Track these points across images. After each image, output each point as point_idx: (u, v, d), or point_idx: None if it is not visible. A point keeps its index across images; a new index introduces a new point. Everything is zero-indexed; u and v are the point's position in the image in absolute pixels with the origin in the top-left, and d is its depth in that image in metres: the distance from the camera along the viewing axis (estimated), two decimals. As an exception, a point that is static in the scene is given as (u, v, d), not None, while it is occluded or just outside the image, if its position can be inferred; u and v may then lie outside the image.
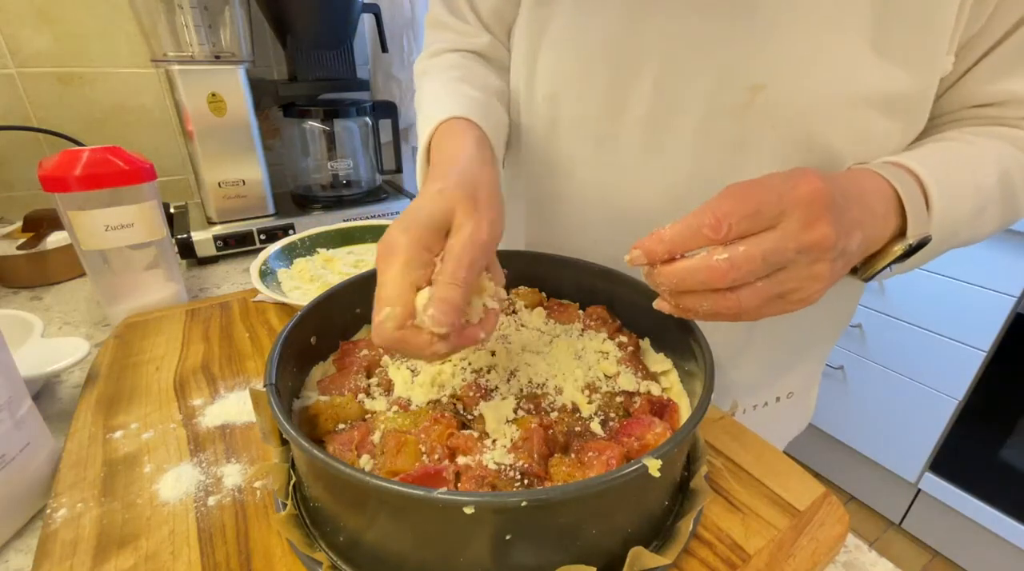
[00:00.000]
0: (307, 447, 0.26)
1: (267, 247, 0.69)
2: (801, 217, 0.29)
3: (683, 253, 0.30)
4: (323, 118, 0.96)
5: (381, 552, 0.28)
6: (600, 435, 0.34)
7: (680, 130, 0.43)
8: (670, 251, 0.30)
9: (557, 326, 0.45)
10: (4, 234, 0.74)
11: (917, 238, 0.35)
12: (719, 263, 0.29)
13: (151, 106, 0.94)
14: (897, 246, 0.35)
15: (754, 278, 0.29)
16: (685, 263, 0.30)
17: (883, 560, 0.34)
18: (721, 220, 0.29)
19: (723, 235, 0.29)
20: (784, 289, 0.30)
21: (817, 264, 0.30)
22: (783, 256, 0.29)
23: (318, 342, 0.41)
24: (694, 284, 0.30)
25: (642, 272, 0.33)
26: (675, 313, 0.33)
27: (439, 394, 0.36)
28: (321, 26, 0.90)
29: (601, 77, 0.45)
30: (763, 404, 0.59)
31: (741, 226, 0.29)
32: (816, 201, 0.29)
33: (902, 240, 0.35)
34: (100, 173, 0.54)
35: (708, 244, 0.29)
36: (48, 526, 0.33)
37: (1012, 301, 1.22)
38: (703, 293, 0.30)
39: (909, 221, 0.35)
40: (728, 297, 0.30)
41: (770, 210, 0.29)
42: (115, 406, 0.45)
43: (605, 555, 0.28)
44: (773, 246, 0.29)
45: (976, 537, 1.38)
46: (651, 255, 0.31)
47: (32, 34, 0.83)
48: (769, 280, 0.30)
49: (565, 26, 0.46)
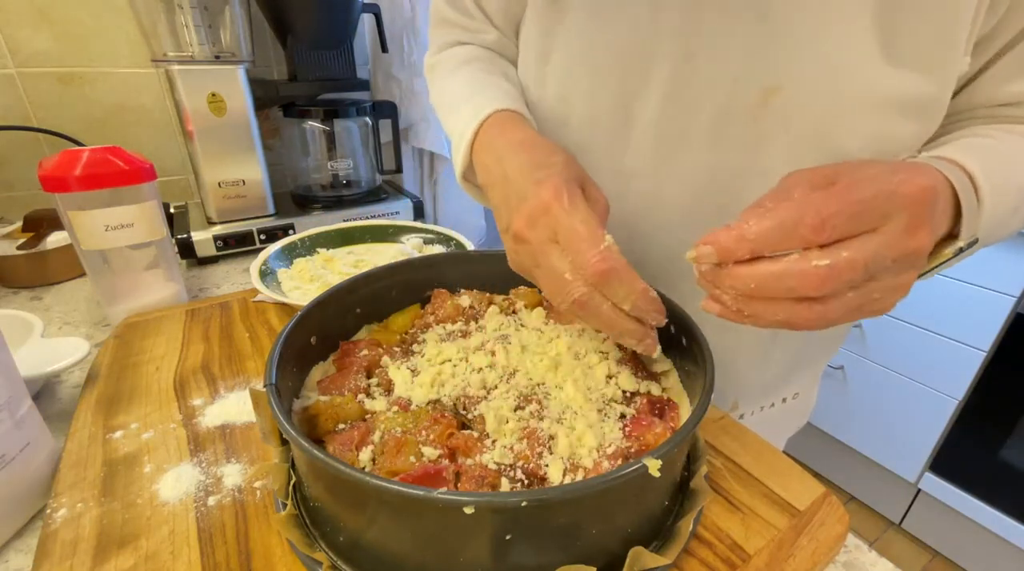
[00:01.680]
0: (307, 447, 0.26)
1: (267, 247, 0.69)
2: (905, 222, 0.26)
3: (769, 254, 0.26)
4: (323, 118, 0.96)
5: (381, 552, 0.28)
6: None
7: (693, 132, 0.42)
8: (753, 251, 0.26)
9: (557, 326, 0.45)
10: (4, 234, 0.74)
11: (967, 240, 0.31)
12: (818, 270, 0.25)
13: (151, 106, 0.94)
14: (948, 249, 0.31)
15: (848, 288, 0.26)
16: (771, 266, 0.26)
17: (883, 560, 0.34)
18: (827, 220, 0.25)
19: (824, 237, 0.25)
20: (869, 299, 0.27)
21: (906, 273, 0.27)
22: (882, 265, 0.26)
23: (318, 342, 0.41)
24: (778, 290, 0.26)
25: (697, 269, 0.29)
26: (731, 317, 0.29)
27: (439, 394, 0.36)
28: (321, 26, 0.90)
29: (613, 79, 0.44)
30: (770, 405, 0.59)
31: (846, 228, 0.25)
32: (922, 202, 0.26)
33: (952, 242, 0.31)
34: (100, 173, 0.54)
35: (804, 246, 0.26)
36: (48, 526, 0.33)
37: (1012, 301, 1.22)
38: (783, 301, 0.27)
39: (964, 222, 0.31)
40: (812, 308, 0.26)
41: (875, 211, 0.26)
42: (115, 406, 0.45)
43: (605, 555, 0.28)
44: (874, 254, 0.25)
45: (976, 537, 1.38)
46: (726, 253, 0.27)
47: (32, 34, 0.83)
48: (859, 290, 0.27)
49: (577, 27, 0.45)
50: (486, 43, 0.55)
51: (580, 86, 0.47)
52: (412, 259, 0.49)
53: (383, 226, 0.80)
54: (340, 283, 0.44)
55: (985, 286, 1.25)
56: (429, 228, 0.79)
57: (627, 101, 0.44)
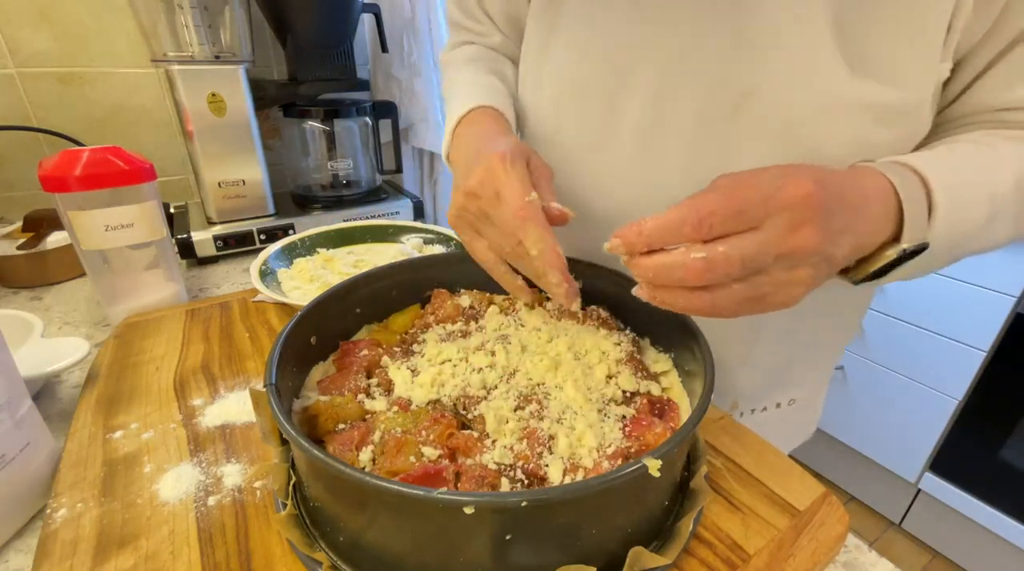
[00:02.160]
0: (307, 447, 0.26)
1: (267, 247, 0.69)
2: (786, 221, 0.28)
3: (662, 247, 0.30)
4: (323, 118, 0.96)
5: (381, 552, 0.28)
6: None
7: (673, 135, 0.44)
8: (649, 244, 0.30)
9: (557, 326, 0.45)
10: (4, 234, 0.74)
11: (912, 245, 0.33)
12: (695, 262, 0.28)
13: (151, 106, 0.94)
14: (890, 250, 0.33)
15: (730, 280, 0.29)
16: (662, 258, 0.30)
17: (883, 560, 0.34)
18: (703, 219, 0.28)
19: (703, 234, 0.28)
20: (760, 293, 0.30)
21: (797, 269, 0.29)
22: (762, 261, 0.28)
23: (318, 342, 0.41)
24: (669, 280, 0.30)
25: (621, 260, 0.33)
26: (653, 303, 0.33)
27: (439, 394, 0.36)
28: (321, 26, 0.90)
29: (600, 82, 0.47)
30: (762, 409, 0.59)
31: (724, 226, 0.28)
32: (803, 205, 0.28)
33: (896, 245, 0.33)
34: (100, 173, 0.54)
35: (688, 241, 0.29)
36: (48, 526, 0.33)
37: (1012, 301, 1.22)
38: (678, 289, 0.30)
39: (906, 226, 0.33)
40: (703, 297, 0.30)
41: (754, 211, 0.28)
42: (115, 406, 0.45)
43: (605, 555, 0.28)
44: (753, 250, 0.28)
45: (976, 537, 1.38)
46: (629, 246, 0.31)
47: (32, 34, 0.83)
48: (745, 283, 0.29)
49: (570, 31, 0.48)
50: (492, 45, 0.59)
51: (571, 90, 0.50)
52: (412, 259, 0.49)
53: (383, 226, 0.80)
54: (340, 283, 0.44)
55: (985, 286, 1.25)
56: (429, 228, 0.79)
57: (612, 105, 0.46)
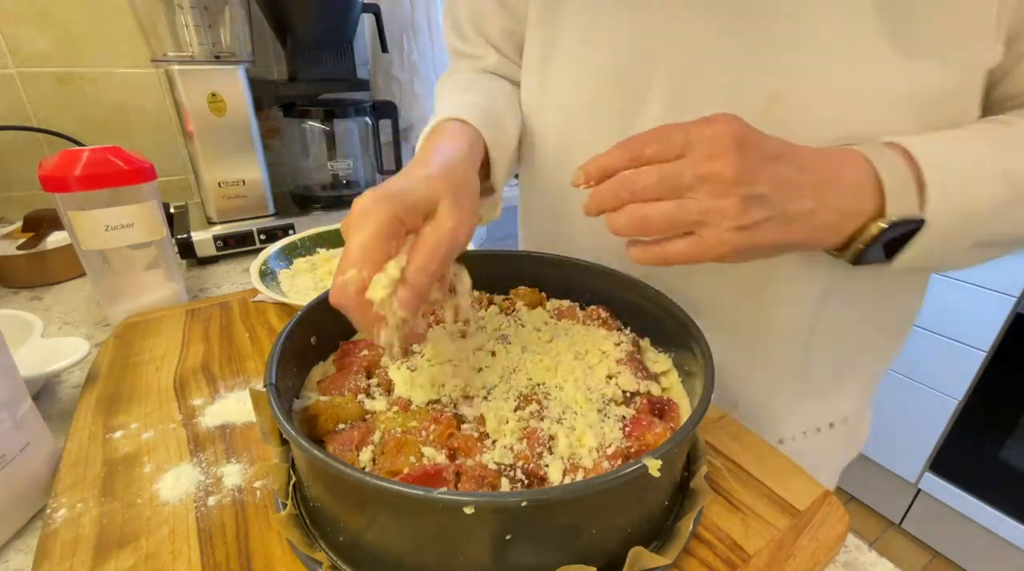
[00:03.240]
0: (307, 447, 0.26)
1: (267, 247, 0.69)
2: (704, 149, 0.31)
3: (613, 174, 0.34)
4: (323, 118, 0.96)
5: (381, 552, 0.28)
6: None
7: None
8: (601, 171, 0.34)
9: (557, 326, 0.45)
10: (4, 234, 0.74)
11: (900, 217, 0.33)
12: (625, 175, 0.33)
13: (151, 106, 0.94)
14: (873, 226, 0.34)
15: (655, 194, 0.32)
16: (609, 180, 0.34)
17: (883, 560, 0.34)
18: (636, 143, 0.33)
19: (636, 155, 0.33)
20: (687, 216, 0.32)
21: (723, 199, 0.31)
22: (680, 179, 0.32)
23: (318, 342, 0.41)
24: (609, 196, 0.34)
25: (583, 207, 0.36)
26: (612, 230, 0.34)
27: (439, 394, 0.36)
28: (321, 26, 0.90)
29: (611, 96, 0.45)
30: (815, 430, 0.54)
31: (651, 150, 0.32)
32: (721, 137, 0.31)
33: (881, 219, 0.34)
34: (100, 173, 0.54)
35: (628, 165, 0.33)
36: (48, 526, 0.33)
37: (1012, 301, 1.22)
38: (621, 211, 0.33)
39: (888, 199, 0.33)
40: (636, 210, 0.33)
41: (678, 138, 0.32)
42: (115, 406, 0.45)
43: (605, 555, 0.28)
44: (672, 168, 0.32)
45: (976, 537, 1.38)
46: (588, 175, 0.35)
47: (32, 34, 0.83)
48: (674, 204, 0.32)
49: (571, 47, 0.46)
50: (488, 67, 0.56)
51: (579, 106, 0.47)
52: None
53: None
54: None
55: (985, 286, 1.25)
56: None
57: (624, 121, 0.44)
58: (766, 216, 0.32)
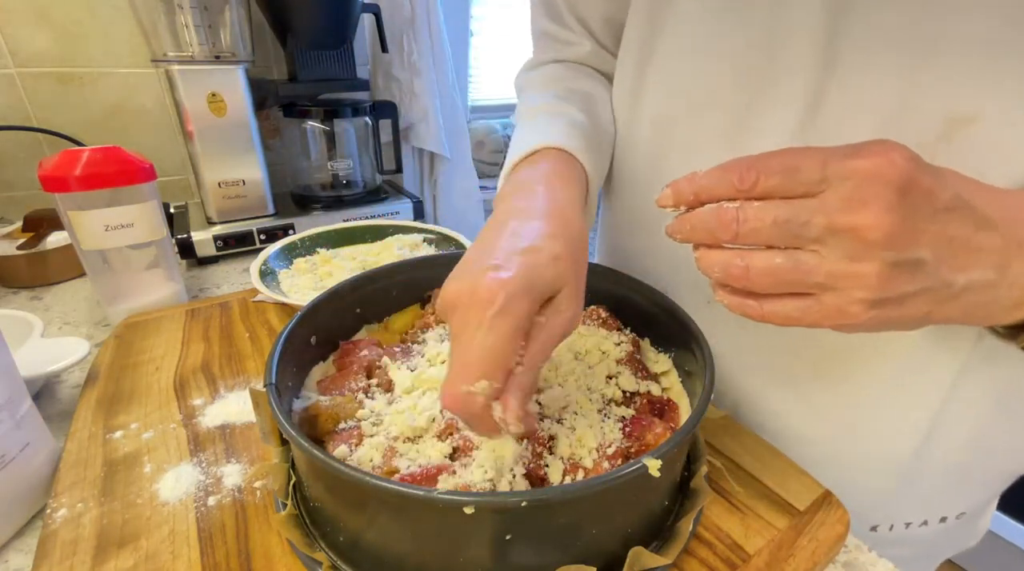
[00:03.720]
0: (307, 447, 0.26)
1: (267, 247, 0.69)
2: (847, 192, 0.23)
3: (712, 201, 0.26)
4: (323, 118, 0.96)
5: (381, 552, 0.28)
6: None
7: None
8: (696, 194, 0.26)
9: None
10: (4, 234, 0.74)
11: None
12: (727, 209, 0.25)
13: (151, 106, 0.94)
14: None
15: (763, 241, 0.25)
16: (702, 209, 0.26)
17: (883, 560, 0.34)
18: (751, 169, 0.24)
19: (748, 186, 0.24)
20: (805, 277, 0.24)
21: (860, 262, 0.23)
22: (804, 228, 0.23)
23: (318, 342, 0.41)
24: (703, 232, 0.26)
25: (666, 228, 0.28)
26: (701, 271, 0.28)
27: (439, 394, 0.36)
28: (321, 26, 0.90)
29: (733, 93, 0.36)
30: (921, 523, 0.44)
31: (771, 182, 0.24)
32: (877, 179, 0.22)
33: None
34: (100, 173, 0.54)
35: (735, 195, 0.25)
36: (48, 526, 0.33)
37: (1012, 301, 1.21)
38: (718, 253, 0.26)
39: None
40: (737, 259, 0.25)
41: (811, 174, 0.23)
42: (115, 406, 0.45)
43: (605, 555, 0.28)
44: (793, 210, 0.23)
45: (976, 537, 1.38)
46: (679, 196, 0.27)
47: (32, 34, 0.83)
48: (786, 255, 0.24)
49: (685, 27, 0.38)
50: (580, 57, 0.50)
51: (682, 105, 0.40)
52: (412, 259, 0.49)
53: (383, 226, 0.80)
54: (340, 283, 0.44)
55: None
56: (429, 228, 0.79)
57: (742, 126, 0.36)
58: (918, 289, 0.24)
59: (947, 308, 0.25)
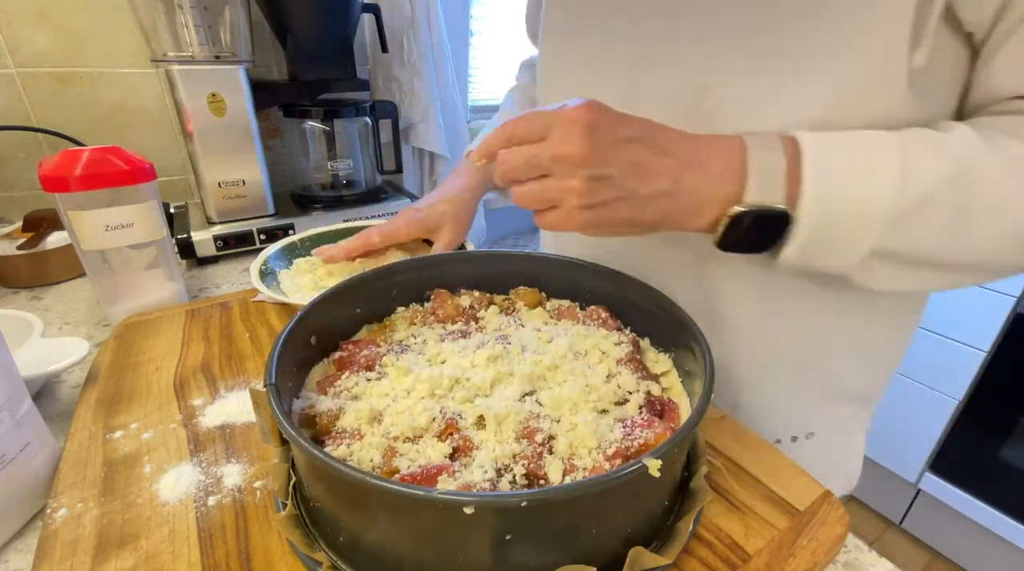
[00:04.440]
0: (307, 447, 0.26)
1: (267, 247, 0.69)
2: (559, 134, 0.34)
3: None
4: (323, 118, 0.96)
5: (381, 552, 0.28)
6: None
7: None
8: (487, 150, 0.38)
9: (557, 326, 0.45)
10: (4, 234, 0.74)
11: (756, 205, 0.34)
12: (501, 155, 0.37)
13: (151, 106, 0.94)
14: (731, 209, 0.35)
15: (525, 175, 0.37)
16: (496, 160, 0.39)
17: (883, 560, 0.34)
18: (510, 127, 0.37)
19: (508, 137, 0.37)
20: (548, 194, 0.36)
21: (571, 179, 0.34)
22: (539, 160, 0.35)
23: (318, 342, 0.41)
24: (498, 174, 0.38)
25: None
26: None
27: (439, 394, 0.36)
28: (321, 26, 0.90)
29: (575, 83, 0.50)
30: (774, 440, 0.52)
31: (520, 131, 0.36)
32: (574, 122, 0.34)
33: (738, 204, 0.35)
34: (100, 173, 0.54)
35: (506, 146, 0.37)
36: (48, 526, 0.33)
37: (1012, 301, 1.22)
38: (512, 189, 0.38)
39: (748, 186, 0.35)
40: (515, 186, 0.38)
41: (539, 122, 0.35)
42: (115, 406, 0.45)
43: (605, 555, 0.28)
44: (533, 150, 0.36)
45: (976, 537, 1.38)
46: (479, 155, 0.39)
47: (32, 34, 0.83)
48: (537, 182, 0.36)
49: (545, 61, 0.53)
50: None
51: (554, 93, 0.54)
52: (412, 259, 0.49)
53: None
54: (340, 283, 0.44)
55: (985, 286, 1.25)
56: (429, 228, 0.79)
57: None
58: (614, 196, 0.35)
59: (644, 212, 0.36)
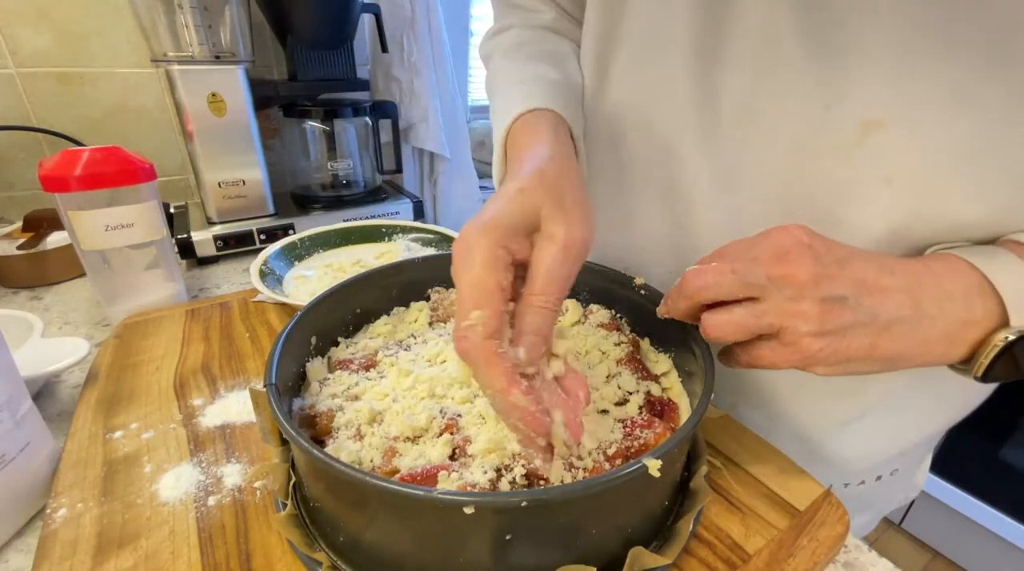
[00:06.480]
0: (307, 447, 0.26)
1: (267, 247, 0.69)
2: (771, 253, 0.29)
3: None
4: (323, 118, 0.96)
5: (381, 552, 0.28)
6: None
7: (762, 164, 0.37)
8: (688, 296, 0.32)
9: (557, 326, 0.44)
10: (4, 234, 0.74)
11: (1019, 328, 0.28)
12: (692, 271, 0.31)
13: (151, 106, 0.94)
14: (999, 336, 0.29)
15: (731, 294, 0.30)
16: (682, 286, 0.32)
17: (883, 560, 0.34)
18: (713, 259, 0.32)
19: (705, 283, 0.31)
20: (763, 320, 0.29)
21: (799, 302, 0.28)
22: (753, 276, 0.29)
23: (318, 342, 0.41)
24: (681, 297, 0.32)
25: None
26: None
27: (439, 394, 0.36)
28: (321, 26, 0.90)
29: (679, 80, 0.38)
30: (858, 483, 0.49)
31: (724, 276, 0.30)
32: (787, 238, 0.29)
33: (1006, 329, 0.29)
34: (100, 173, 0.54)
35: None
36: (48, 526, 0.33)
37: (1012, 301, 1.21)
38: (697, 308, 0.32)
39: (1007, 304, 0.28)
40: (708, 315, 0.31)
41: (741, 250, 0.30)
42: (115, 406, 0.45)
43: (605, 555, 0.28)
44: (743, 265, 0.29)
45: (976, 537, 1.38)
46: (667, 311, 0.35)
47: (32, 34, 0.83)
48: (745, 307, 0.30)
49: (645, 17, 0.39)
50: (543, 23, 0.50)
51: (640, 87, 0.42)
52: (412, 259, 0.49)
53: (383, 226, 0.80)
54: (340, 283, 0.44)
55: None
56: (429, 228, 0.79)
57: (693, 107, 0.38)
58: (851, 321, 0.28)
59: (885, 341, 0.29)
